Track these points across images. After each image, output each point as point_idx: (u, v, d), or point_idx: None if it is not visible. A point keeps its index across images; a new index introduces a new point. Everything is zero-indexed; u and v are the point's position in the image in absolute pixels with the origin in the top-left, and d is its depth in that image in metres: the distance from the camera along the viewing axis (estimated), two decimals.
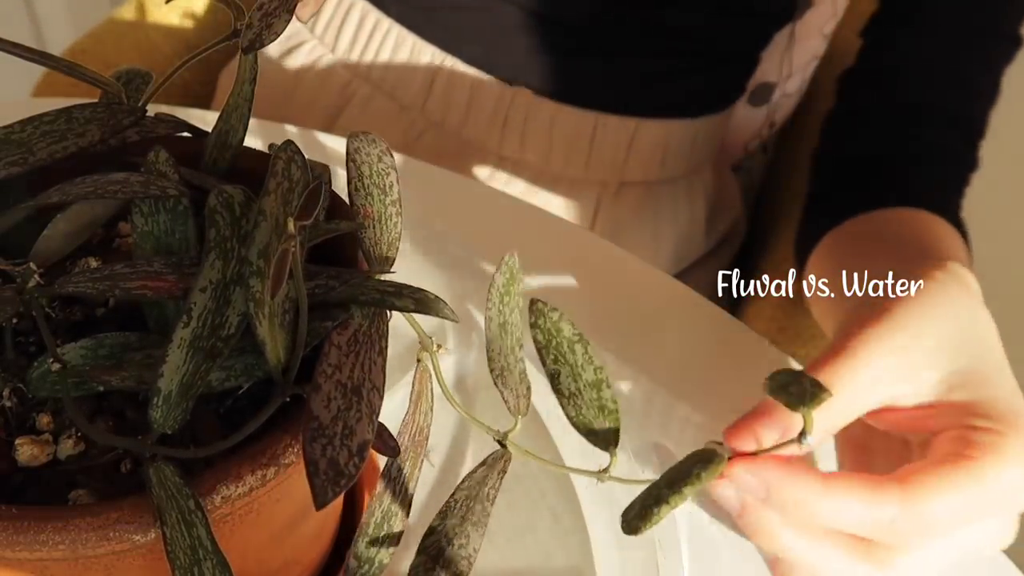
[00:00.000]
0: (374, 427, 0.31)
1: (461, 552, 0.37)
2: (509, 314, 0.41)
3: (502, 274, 0.41)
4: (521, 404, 0.40)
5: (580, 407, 0.42)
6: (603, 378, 0.42)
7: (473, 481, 0.38)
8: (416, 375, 0.37)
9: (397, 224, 0.38)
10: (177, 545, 0.30)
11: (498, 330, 0.41)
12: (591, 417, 0.42)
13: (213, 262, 0.32)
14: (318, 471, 0.29)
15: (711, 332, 0.61)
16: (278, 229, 0.32)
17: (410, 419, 0.36)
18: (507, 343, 0.41)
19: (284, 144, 0.35)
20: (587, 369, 0.42)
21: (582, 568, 0.50)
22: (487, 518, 0.38)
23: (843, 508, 0.40)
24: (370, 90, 0.83)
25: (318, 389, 0.30)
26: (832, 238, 0.66)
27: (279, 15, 0.36)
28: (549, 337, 0.43)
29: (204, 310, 0.32)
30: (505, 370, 0.40)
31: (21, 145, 0.37)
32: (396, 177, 0.39)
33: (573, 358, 0.42)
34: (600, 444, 0.42)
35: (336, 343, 0.32)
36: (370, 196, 0.38)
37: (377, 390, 0.32)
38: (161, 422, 0.31)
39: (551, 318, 0.43)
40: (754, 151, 1.00)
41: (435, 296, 0.34)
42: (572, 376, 0.42)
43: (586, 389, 0.42)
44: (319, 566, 0.43)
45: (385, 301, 0.33)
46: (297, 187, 0.34)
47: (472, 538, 0.37)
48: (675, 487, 0.38)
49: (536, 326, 0.43)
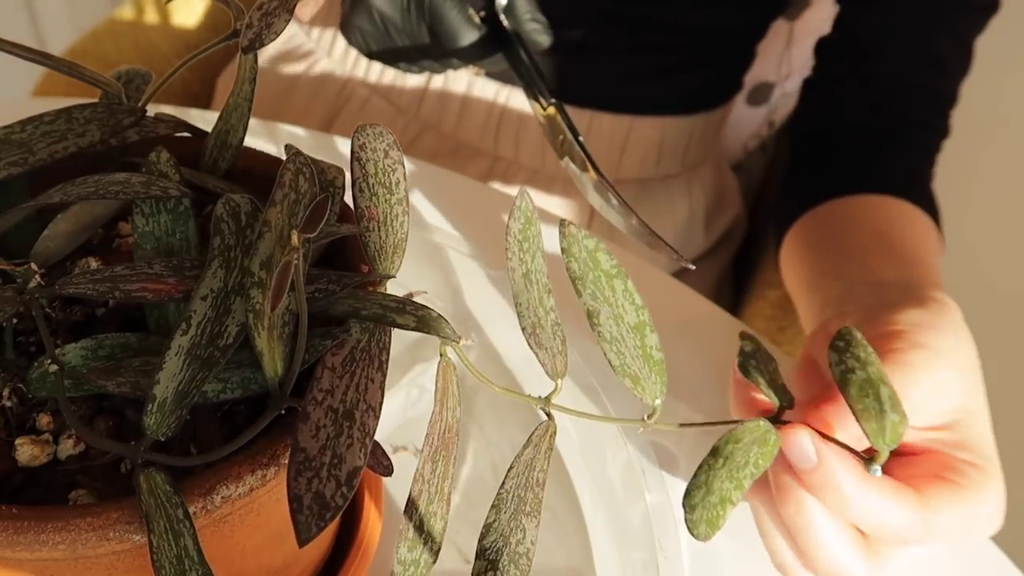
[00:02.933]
0: (367, 452, 0.30)
1: (519, 549, 0.35)
2: (531, 260, 0.37)
3: (516, 219, 0.37)
4: (559, 364, 0.37)
5: (623, 355, 0.38)
6: (645, 320, 0.38)
7: (521, 466, 0.36)
8: (439, 371, 0.35)
9: (404, 224, 0.37)
10: (163, 554, 0.30)
11: (522, 281, 0.37)
12: (636, 368, 0.38)
13: (216, 271, 0.32)
14: (302, 507, 0.28)
15: (711, 332, 0.61)
16: (282, 241, 0.32)
17: (437, 417, 0.35)
18: (534, 294, 0.37)
19: (293, 155, 0.34)
20: (628, 310, 0.38)
21: (582, 568, 0.50)
22: (540, 505, 0.36)
23: (871, 503, 0.42)
24: (367, 92, 0.83)
25: (306, 419, 0.30)
26: (806, 225, 0.67)
27: (279, 15, 0.36)
28: (585, 268, 0.38)
29: (203, 319, 0.32)
30: (537, 326, 0.37)
31: (21, 145, 0.37)
32: (403, 173, 0.37)
33: (613, 296, 0.38)
34: (647, 396, 0.38)
35: (330, 365, 0.32)
36: (375, 196, 0.37)
37: (372, 410, 0.31)
38: (155, 428, 0.31)
39: (586, 246, 0.38)
40: (754, 151, 1.00)
41: (437, 315, 0.34)
42: (613, 318, 0.38)
43: (629, 334, 0.38)
44: (319, 566, 0.43)
45: (386, 317, 0.33)
46: (303, 199, 0.33)
47: (528, 530, 0.36)
48: (735, 479, 0.36)
49: (569, 253, 0.38)
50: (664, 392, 0.38)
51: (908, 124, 0.71)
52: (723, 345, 0.60)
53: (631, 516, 0.51)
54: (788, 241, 0.69)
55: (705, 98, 0.85)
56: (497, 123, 0.80)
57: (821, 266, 0.62)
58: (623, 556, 0.50)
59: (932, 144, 0.71)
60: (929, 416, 0.46)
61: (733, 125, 0.96)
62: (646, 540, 0.50)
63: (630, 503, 0.52)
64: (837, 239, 0.64)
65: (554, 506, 0.53)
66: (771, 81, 0.93)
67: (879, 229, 0.63)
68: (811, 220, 0.68)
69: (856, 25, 0.74)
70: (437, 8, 0.60)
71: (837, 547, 0.43)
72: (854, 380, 0.40)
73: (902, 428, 0.39)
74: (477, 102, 0.80)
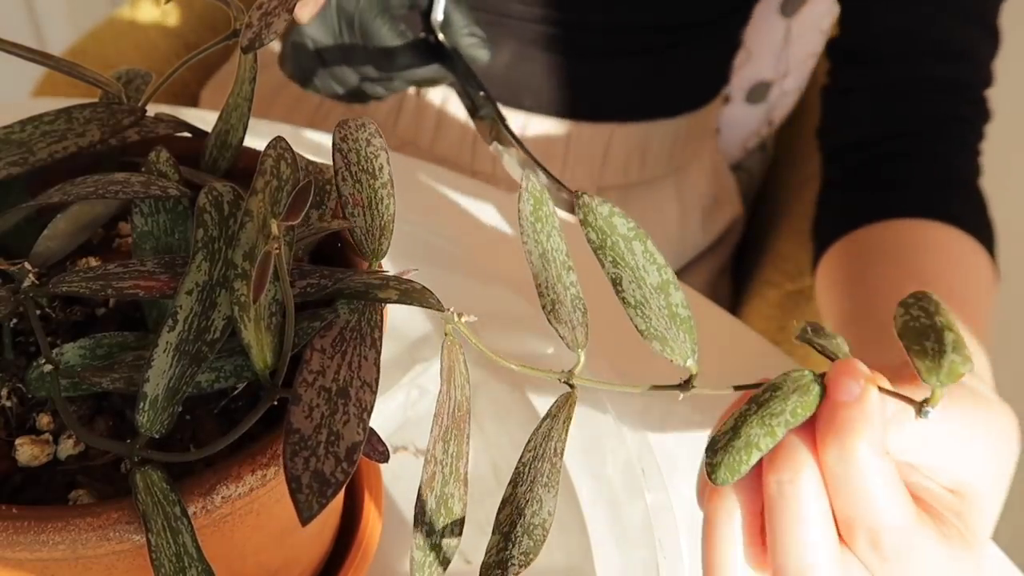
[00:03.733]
0: (366, 426, 0.30)
1: (535, 520, 0.35)
2: (547, 240, 0.37)
3: (526, 201, 0.37)
4: (579, 335, 0.37)
5: (649, 317, 0.37)
6: (669, 279, 0.38)
7: (539, 438, 0.35)
8: (444, 350, 0.34)
9: (389, 207, 0.37)
10: (162, 552, 0.30)
11: (540, 261, 0.37)
12: (663, 328, 0.37)
13: (200, 264, 0.32)
14: (301, 486, 0.28)
15: (711, 332, 0.61)
16: (264, 230, 0.32)
17: (445, 396, 0.34)
18: (552, 272, 0.37)
19: (274, 141, 0.34)
20: (650, 271, 0.38)
21: (582, 568, 0.50)
22: (558, 475, 0.35)
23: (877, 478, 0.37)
24: (343, 110, 0.83)
25: (298, 400, 0.30)
26: (837, 257, 0.65)
27: (278, 15, 0.36)
28: (603, 236, 0.38)
29: (190, 313, 0.31)
30: (556, 303, 0.37)
31: (21, 145, 0.37)
32: (387, 158, 0.37)
33: (633, 259, 0.38)
34: (678, 359, 0.38)
35: (319, 347, 0.31)
36: (358, 183, 0.36)
37: (368, 386, 0.31)
38: (148, 426, 0.31)
39: (601, 212, 0.38)
40: (753, 150, 1.00)
41: (421, 286, 0.33)
42: (635, 281, 0.38)
43: (653, 295, 0.38)
44: (319, 565, 0.43)
45: (369, 293, 0.33)
46: (286, 186, 0.33)
47: (545, 502, 0.35)
48: (768, 426, 0.34)
49: (587, 223, 0.38)
50: (696, 351, 0.38)
51: (935, 122, 0.69)
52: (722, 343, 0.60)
53: (631, 515, 0.51)
54: (820, 274, 0.67)
55: (688, 98, 0.84)
56: (473, 138, 0.80)
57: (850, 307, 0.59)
58: (623, 556, 0.50)
59: (968, 134, 0.69)
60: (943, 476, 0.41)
61: (732, 124, 0.96)
62: (646, 540, 0.50)
63: (630, 502, 0.52)
64: (866, 278, 0.61)
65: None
66: (769, 80, 0.93)
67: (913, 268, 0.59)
68: (841, 253, 0.65)
69: (863, 26, 0.72)
70: (367, 25, 0.59)
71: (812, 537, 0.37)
72: (915, 327, 0.36)
73: (963, 369, 0.34)
74: (452, 117, 0.80)
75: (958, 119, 0.68)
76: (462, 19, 0.59)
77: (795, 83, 0.94)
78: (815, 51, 0.92)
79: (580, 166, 0.81)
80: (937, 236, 0.63)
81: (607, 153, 0.81)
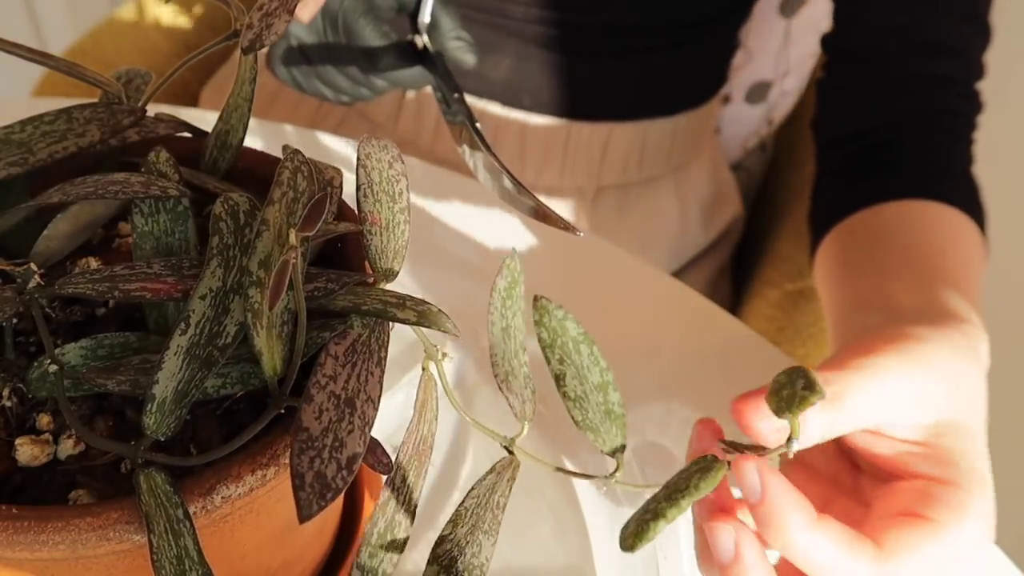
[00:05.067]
0: (366, 440, 0.31)
1: (474, 561, 0.37)
2: (512, 318, 0.40)
3: (504, 278, 0.40)
4: (527, 409, 0.40)
5: (587, 410, 0.41)
6: (609, 380, 0.42)
7: (482, 489, 0.38)
8: (421, 384, 0.36)
9: (404, 232, 0.38)
10: (163, 554, 0.30)
11: (501, 335, 0.40)
12: (597, 422, 0.41)
13: (215, 270, 0.32)
14: (303, 484, 0.29)
15: (711, 332, 0.61)
16: (280, 240, 0.32)
17: (414, 428, 0.36)
18: (510, 347, 0.40)
19: (291, 153, 0.35)
20: (593, 371, 0.41)
21: (582, 568, 0.50)
22: (498, 526, 0.38)
23: (819, 550, 0.39)
24: (343, 111, 0.83)
25: (310, 400, 0.30)
26: (832, 245, 0.66)
27: (279, 15, 0.36)
28: (554, 336, 0.41)
29: (202, 318, 0.32)
30: (510, 375, 0.39)
31: (21, 145, 0.37)
32: (406, 184, 0.38)
33: (579, 359, 0.41)
34: (607, 449, 0.41)
35: (333, 353, 0.32)
36: (379, 203, 0.37)
37: (372, 402, 0.32)
38: (154, 428, 0.31)
39: (556, 316, 0.41)
40: (753, 149, 1.00)
41: (438, 309, 0.34)
42: (578, 378, 0.41)
43: (592, 392, 0.41)
44: (319, 566, 0.43)
45: (387, 312, 0.33)
46: (302, 197, 0.34)
47: (484, 547, 0.37)
48: (673, 499, 0.37)
49: (540, 324, 0.41)
50: (623, 443, 0.42)
51: (928, 115, 0.69)
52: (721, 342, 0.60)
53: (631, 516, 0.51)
54: (818, 263, 0.67)
55: (686, 97, 0.84)
56: None
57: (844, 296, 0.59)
58: (623, 556, 0.50)
59: (960, 125, 0.69)
60: (907, 430, 0.44)
61: (732, 124, 0.96)
62: None
63: (630, 502, 0.52)
64: (858, 262, 0.61)
65: (554, 506, 0.53)
66: (769, 80, 0.93)
67: (904, 243, 0.60)
68: (836, 240, 0.65)
69: (857, 24, 0.73)
70: (350, 25, 0.59)
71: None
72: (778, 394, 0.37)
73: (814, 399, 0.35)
74: None
75: (951, 112, 0.69)
76: (450, 22, 0.60)
77: (795, 83, 0.94)
78: (815, 51, 0.92)
79: (579, 165, 0.81)
80: (933, 214, 0.63)
81: (606, 152, 0.81)
